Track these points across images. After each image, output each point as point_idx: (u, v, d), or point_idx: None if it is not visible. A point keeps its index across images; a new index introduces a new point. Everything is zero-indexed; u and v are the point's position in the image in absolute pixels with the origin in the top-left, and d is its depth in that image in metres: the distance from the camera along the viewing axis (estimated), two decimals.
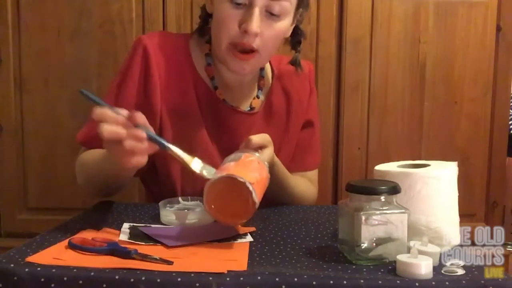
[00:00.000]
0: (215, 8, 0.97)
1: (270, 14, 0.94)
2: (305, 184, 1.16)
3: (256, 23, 0.91)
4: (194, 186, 1.02)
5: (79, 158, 1.01)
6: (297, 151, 1.17)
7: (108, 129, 0.71)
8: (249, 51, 0.95)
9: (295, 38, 1.08)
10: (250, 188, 0.72)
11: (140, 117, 0.74)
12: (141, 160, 0.75)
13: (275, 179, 0.94)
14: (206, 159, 1.03)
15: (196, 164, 0.78)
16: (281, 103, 1.12)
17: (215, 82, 1.05)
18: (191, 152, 1.03)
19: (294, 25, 1.04)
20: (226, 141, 1.05)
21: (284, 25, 0.98)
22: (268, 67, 1.13)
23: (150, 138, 0.74)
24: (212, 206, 0.75)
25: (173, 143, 0.80)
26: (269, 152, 0.94)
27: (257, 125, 1.07)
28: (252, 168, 0.79)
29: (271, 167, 0.95)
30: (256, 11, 0.91)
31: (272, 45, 0.98)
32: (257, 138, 0.91)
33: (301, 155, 1.17)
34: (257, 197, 0.73)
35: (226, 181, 0.73)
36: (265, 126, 1.09)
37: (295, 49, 1.09)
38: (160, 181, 1.06)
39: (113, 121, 0.72)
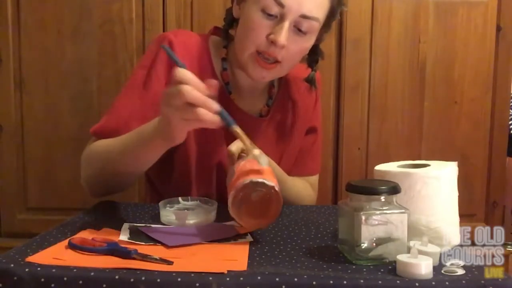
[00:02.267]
0: (244, 15, 0.97)
1: (298, 30, 0.95)
2: (303, 186, 1.17)
3: (284, 36, 0.92)
4: (208, 186, 1.04)
5: (89, 148, 0.97)
6: (299, 156, 1.17)
7: (190, 92, 0.70)
8: (273, 61, 0.96)
9: (313, 57, 1.08)
10: (259, 180, 0.74)
11: (216, 88, 0.73)
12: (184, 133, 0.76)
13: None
14: (219, 158, 1.05)
15: (256, 151, 0.80)
16: (288, 109, 1.13)
17: (229, 87, 1.06)
18: (207, 147, 1.05)
19: (313, 44, 1.04)
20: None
21: (309, 43, 0.99)
22: None
23: (219, 113, 0.73)
24: (248, 221, 0.77)
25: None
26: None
27: (263, 130, 1.08)
28: (247, 169, 0.79)
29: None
30: (286, 25, 0.92)
31: (294, 60, 1.00)
32: (235, 145, 0.91)
33: (303, 160, 1.18)
34: (271, 181, 0.75)
35: (239, 195, 0.75)
36: (271, 132, 1.10)
37: (311, 67, 1.10)
38: (174, 180, 1.06)
39: (195, 84, 0.71)
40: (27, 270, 0.60)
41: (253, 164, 0.80)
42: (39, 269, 0.60)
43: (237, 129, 0.77)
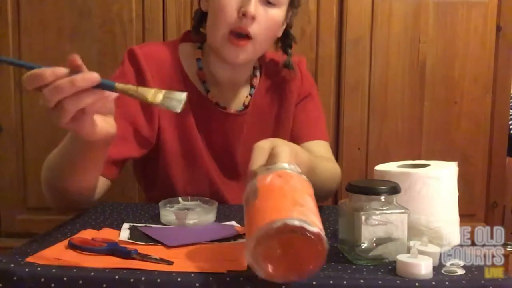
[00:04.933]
0: (212, 0, 0.99)
1: (267, 2, 0.98)
2: (331, 165, 1.08)
3: (253, 6, 0.95)
4: (198, 187, 1.05)
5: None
6: (302, 122, 1.14)
7: (50, 90, 0.61)
8: (245, 36, 0.97)
9: (286, 42, 1.11)
10: (296, 223, 0.53)
11: (76, 60, 0.65)
12: (108, 122, 0.68)
13: (303, 167, 0.72)
14: (200, 163, 1.05)
15: (156, 97, 0.63)
16: (271, 97, 1.13)
17: (207, 86, 1.07)
18: (189, 156, 1.05)
19: (285, 25, 1.07)
20: (219, 143, 1.08)
21: (279, 15, 1.01)
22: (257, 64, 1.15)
23: (100, 85, 0.63)
24: (274, 274, 0.56)
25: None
26: (283, 152, 0.69)
27: (247, 125, 1.09)
28: (279, 194, 0.58)
29: (296, 157, 0.75)
30: None
31: (266, 34, 1.00)
32: (256, 163, 0.69)
33: (307, 125, 1.15)
34: (312, 222, 0.54)
35: (264, 243, 0.54)
36: (255, 124, 1.10)
37: (286, 53, 1.12)
38: (160, 182, 1.07)
39: (52, 77, 0.62)
40: (27, 270, 0.60)
41: (284, 185, 0.59)
42: (39, 269, 0.60)
43: (120, 87, 0.63)
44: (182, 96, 0.63)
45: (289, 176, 0.62)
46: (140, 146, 1.00)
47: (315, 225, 0.54)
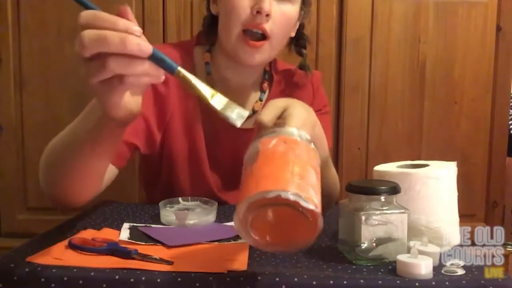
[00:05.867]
0: (224, 0, 0.97)
1: None
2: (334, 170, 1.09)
3: (268, 2, 0.92)
4: (199, 191, 1.03)
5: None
6: None
7: (92, 35, 0.50)
8: (261, 36, 0.95)
9: (300, 43, 1.10)
10: (291, 197, 0.50)
11: (128, 12, 0.54)
12: (135, 101, 0.57)
13: (316, 141, 0.67)
14: (202, 178, 1.03)
15: (217, 101, 0.59)
16: None
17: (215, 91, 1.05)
18: (187, 160, 1.03)
19: (298, 25, 1.05)
20: (227, 155, 1.06)
21: (293, 11, 0.99)
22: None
23: (152, 57, 0.53)
24: (267, 238, 0.54)
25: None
26: (296, 116, 0.66)
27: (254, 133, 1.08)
28: (280, 162, 0.54)
29: (314, 129, 0.72)
30: None
31: (282, 32, 0.98)
32: (268, 114, 0.66)
33: None
34: (309, 198, 0.51)
35: (253, 212, 0.52)
36: None
37: (301, 54, 1.11)
38: (161, 185, 1.06)
39: (107, 24, 0.52)
40: (27, 270, 0.60)
41: (288, 152, 0.55)
42: (39, 269, 0.60)
43: (183, 74, 0.56)
44: (245, 113, 0.58)
45: (295, 143, 0.57)
46: (148, 144, 0.98)
47: (311, 202, 0.51)
